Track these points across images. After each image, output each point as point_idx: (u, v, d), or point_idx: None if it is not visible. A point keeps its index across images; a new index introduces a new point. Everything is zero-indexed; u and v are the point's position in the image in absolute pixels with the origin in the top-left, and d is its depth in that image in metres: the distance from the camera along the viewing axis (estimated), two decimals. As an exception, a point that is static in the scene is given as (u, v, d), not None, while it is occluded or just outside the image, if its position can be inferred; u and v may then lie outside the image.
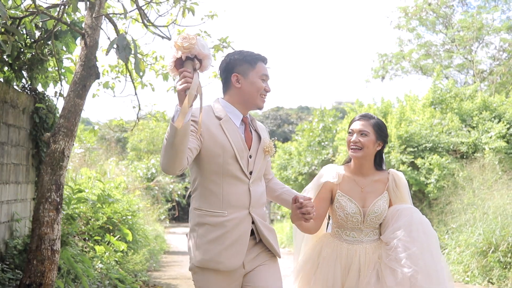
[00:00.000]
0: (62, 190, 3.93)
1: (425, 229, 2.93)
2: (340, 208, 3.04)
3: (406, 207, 3.03)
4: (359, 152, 3.02)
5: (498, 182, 9.49)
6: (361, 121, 3.08)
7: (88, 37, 4.26)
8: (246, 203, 2.61)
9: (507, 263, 7.67)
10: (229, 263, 2.56)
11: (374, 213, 3.03)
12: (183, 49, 2.26)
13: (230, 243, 2.56)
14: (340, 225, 3.09)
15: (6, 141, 5.49)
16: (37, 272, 3.81)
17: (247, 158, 2.64)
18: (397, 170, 3.19)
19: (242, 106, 2.69)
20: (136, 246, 7.89)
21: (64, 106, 4.11)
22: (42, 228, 3.82)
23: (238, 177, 2.60)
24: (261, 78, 2.67)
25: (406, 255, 2.83)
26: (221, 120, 2.62)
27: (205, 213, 2.58)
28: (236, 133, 2.63)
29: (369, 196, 3.07)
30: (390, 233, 2.97)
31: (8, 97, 5.51)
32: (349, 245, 3.05)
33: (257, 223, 2.63)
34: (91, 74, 4.16)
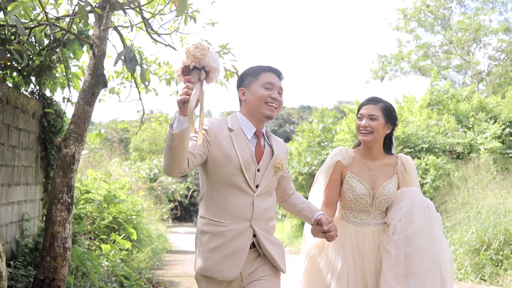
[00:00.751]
0: (73, 191, 4.21)
1: (425, 213, 2.93)
2: (349, 190, 3.08)
3: (410, 190, 3.05)
4: (369, 136, 3.04)
5: (492, 182, 9.74)
6: (370, 105, 3.08)
7: (96, 47, 4.53)
8: (248, 215, 2.61)
9: (498, 261, 7.92)
10: (226, 273, 2.58)
11: (384, 196, 3.05)
12: (193, 58, 2.27)
13: (229, 254, 2.58)
14: (348, 207, 3.12)
15: (17, 144, 5.75)
16: (50, 268, 4.10)
17: (254, 172, 2.64)
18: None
19: (253, 119, 2.70)
20: (140, 245, 8.16)
21: (74, 113, 4.38)
22: (54, 227, 4.10)
23: (242, 189, 2.61)
24: (264, 87, 2.67)
25: (402, 236, 2.87)
26: (232, 132, 2.64)
27: (208, 222, 2.62)
28: (245, 146, 2.65)
29: (378, 179, 3.09)
30: (392, 214, 3.02)
31: (19, 103, 5.77)
32: (357, 227, 3.09)
33: (258, 237, 2.63)
34: (99, 82, 4.43)
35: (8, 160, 5.47)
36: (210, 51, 2.30)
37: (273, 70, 2.74)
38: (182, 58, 2.31)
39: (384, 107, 3.06)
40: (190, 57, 2.27)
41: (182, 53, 2.31)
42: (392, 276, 2.84)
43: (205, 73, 2.32)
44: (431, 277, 2.82)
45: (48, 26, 4.60)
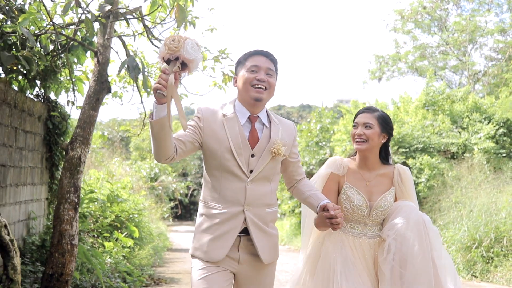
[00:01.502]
0: (79, 191, 4.46)
1: (421, 228, 2.88)
2: (347, 200, 3.04)
3: (406, 204, 3.02)
4: (364, 144, 3.02)
5: (485, 181, 9.98)
6: (365, 113, 3.07)
7: (100, 54, 4.78)
8: (241, 200, 2.62)
9: (489, 258, 8.16)
10: (212, 253, 2.61)
11: (381, 208, 3.02)
12: (168, 50, 2.32)
13: (217, 236, 2.62)
14: (345, 217, 3.07)
15: (24, 146, 6.00)
16: (59, 263, 4.35)
17: (248, 157, 2.65)
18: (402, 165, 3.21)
19: (247, 104, 2.70)
20: (141, 242, 8.41)
21: (80, 117, 4.63)
22: (62, 225, 4.35)
23: (235, 174, 2.63)
24: (250, 70, 2.67)
25: (397, 257, 2.84)
26: (225, 117, 2.67)
27: (205, 205, 2.69)
28: (237, 131, 2.65)
29: (375, 190, 3.06)
30: (387, 229, 2.97)
31: (25, 106, 6.02)
32: (354, 237, 3.06)
33: (248, 223, 2.64)
34: (104, 88, 4.68)
35: (15, 162, 5.72)
36: (186, 42, 2.33)
37: (259, 52, 2.74)
38: (161, 51, 2.37)
39: (379, 116, 3.05)
40: (166, 49, 2.33)
41: (162, 43, 2.37)
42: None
43: (180, 65, 2.35)
44: None
45: (55, 34, 4.84)
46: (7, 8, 3.74)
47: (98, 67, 4.77)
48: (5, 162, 5.35)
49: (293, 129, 2.86)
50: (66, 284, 4.35)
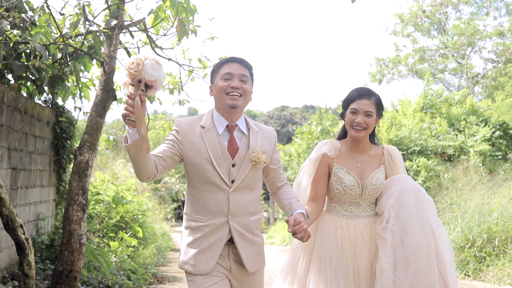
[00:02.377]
0: (87, 194, 4.76)
1: (417, 196, 2.87)
2: (338, 181, 3.01)
3: (400, 176, 3.02)
4: (363, 132, 2.99)
5: (479, 183, 10.24)
6: (364, 99, 2.98)
7: (106, 65, 5.07)
8: (225, 211, 2.63)
9: (481, 258, 8.41)
10: (199, 267, 2.62)
11: (373, 185, 3.00)
12: (130, 75, 2.34)
13: (205, 248, 2.63)
14: (337, 199, 3.05)
15: (33, 150, 6.31)
16: (68, 261, 4.66)
17: (228, 167, 2.64)
18: None
19: (224, 113, 2.69)
20: (145, 242, 8.70)
21: (88, 124, 4.93)
22: (71, 225, 4.65)
23: (217, 185, 2.63)
24: (223, 78, 2.66)
25: (396, 223, 2.82)
26: (204, 128, 2.66)
27: (189, 218, 2.70)
28: (216, 141, 2.65)
29: (366, 170, 3.03)
30: (383, 201, 2.96)
31: (35, 112, 6.33)
32: (347, 219, 3.02)
33: (233, 233, 2.65)
34: (110, 96, 4.98)
35: (26, 165, 6.02)
36: (145, 64, 2.32)
37: (233, 59, 2.72)
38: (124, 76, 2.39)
39: (377, 101, 3.00)
40: (127, 74, 2.35)
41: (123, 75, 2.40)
42: (388, 263, 2.78)
43: (144, 86, 2.36)
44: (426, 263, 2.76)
45: (63, 44, 5.13)
46: (21, 25, 4.03)
47: (104, 77, 5.06)
48: (16, 166, 5.65)
49: (273, 135, 2.85)
50: (75, 281, 4.66)
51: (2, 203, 3.26)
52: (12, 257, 5.54)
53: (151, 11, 4.77)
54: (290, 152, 18.30)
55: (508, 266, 7.84)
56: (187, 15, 4.74)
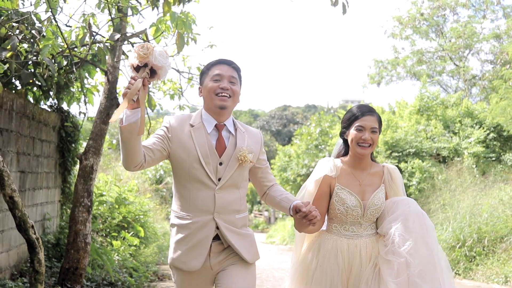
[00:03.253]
0: (92, 196, 5.08)
1: (421, 221, 2.88)
2: (339, 202, 2.98)
3: (403, 199, 3.00)
4: (369, 149, 2.98)
5: (472, 184, 10.54)
6: (369, 116, 2.99)
7: (110, 74, 5.38)
8: (211, 208, 2.66)
9: (472, 257, 8.71)
10: (190, 264, 2.66)
11: (374, 206, 2.97)
12: (138, 57, 2.38)
13: (192, 245, 2.67)
14: (339, 220, 3.02)
15: (40, 154, 6.62)
16: (74, 259, 4.98)
17: (216, 165, 2.68)
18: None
19: (212, 113, 2.74)
20: (147, 241, 9.01)
21: (92, 130, 5.24)
22: (77, 225, 4.97)
23: (204, 183, 2.66)
24: (213, 79, 2.71)
25: (402, 246, 2.80)
26: (193, 127, 2.70)
27: (176, 215, 2.74)
28: (204, 140, 2.69)
29: (367, 190, 3.01)
30: (387, 223, 2.93)
31: (41, 118, 6.64)
32: (349, 240, 2.99)
33: (221, 229, 2.68)
34: (113, 104, 5.29)
35: (33, 168, 6.33)
36: (155, 50, 2.40)
37: (222, 61, 2.78)
38: (131, 58, 2.44)
39: (379, 118, 3.04)
40: (136, 56, 2.39)
41: (131, 55, 2.45)
42: (394, 284, 2.76)
43: (149, 71, 2.42)
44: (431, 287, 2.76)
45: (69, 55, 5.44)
46: (32, 40, 4.33)
47: (108, 85, 5.37)
48: (24, 169, 5.96)
49: (260, 137, 2.91)
50: (80, 277, 4.98)
51: (15, 206, 3.58)
52: (20, 256, 5.86)
53: (152, 24, 5.06)
54: (290, 153, 18.59)
55: (497, 265, 8.13)
56: (186, 29, 5.04)
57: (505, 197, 9.24)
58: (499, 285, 7.61)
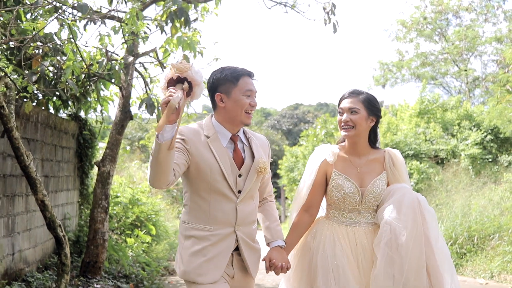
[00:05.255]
0: (108, 198, 5.76)
1: (415, 210, 2.78)
2: (337, 188, 2.93)
3: (400, 187, 2.92)
4: (352, 130, 2.90)
5: (464, 185, 11.08)
6: (349, 98, 2.93)
7: (124, 89, 6.05)
8: (232, 221, 2.62)
9: (462, 254, 9.26)
10: (207, 276, 2.58)
11: (373, 193, 2.92)
12: (177, 70, 2.34)
13: (212, 257, 2.59)
14: (337, 206, 2.98)
15: (61, 159, 7.32)
16: (93, 254, 5.67)
17: (235, 177, 2.62)
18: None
19: (229, 125, 2.66)
20: (158, 239, 9.68)
21: (109, 140, 5.92)
22: (96, 224, 5.66)
23: (225, 195, 2.60)
24: (245, 95, 2.62)
25: (387, 241, 2.77)
26: (209, 138, 2.61)
27: (192, 226, 2.63)
28: (224, 153, 2.62)
29: (366, 176, 2.95)
30: (380, 212, 2.89)
31: (62, 127, 7.33)
32: (347, 227, 2.95)
33: (239, 242, 2.65)
34: (127, 116, 5.96)
35: (55, 172, 7.03)
36: (193, 66, 2.37)
37: (249, 73, 2.68)
38: (166, 73, 2.40)
39: (365, 99, 2.91)
40: (174, 70, 2.35)
41: (168, 68, 2.42)
42: (380, 276, 2.75)
43: (188, 84, 2.38)
44: (415, 281, 2.73)
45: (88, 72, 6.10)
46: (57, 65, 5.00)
47: (122, 100, 6.04)
48: (48, 173, 6.66)
49: (267, 143, 2.87)
50: (99, 270, 5.67)
51: (46, 208, 4.25)
52: (44, 251, 6.55)
53: (161, 46, 5.71)
54: (297, 154, 19.21)
55: (484, 261, 8.68)
56: (191, 49, 5.69)
57: (495, 198, 9.78)
58: (485, 279, 8.17)
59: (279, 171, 20.84)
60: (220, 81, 2.65)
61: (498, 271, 8.18)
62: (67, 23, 4.91)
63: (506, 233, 8.57)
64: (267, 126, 52.50)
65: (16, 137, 3.95)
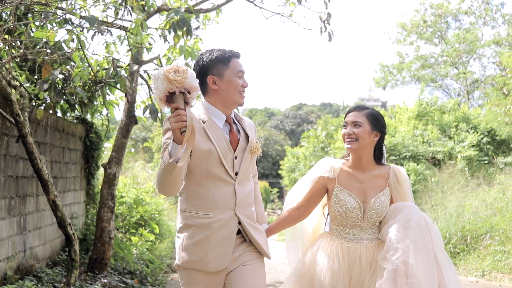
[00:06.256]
0: (114, 199, 6.10)
1: (423, 228, 2.78)
2: (339, 203, 2.92)
3: (407, 205, 2.90)
4: (354, 143, 2.91)
5: (459, 186, 11.38)
6: (354, 112, 2.97)
7: (129, 95, 6.38)
8: (232, 204, 2.58)
9: (456, 253, 9.56)
10: (215, 264, 2.57)
11: (375, 209, 2.91)
12: (176, 84, 2.24)
13: (216, 244, 2.56)
14: (339, 222, 2.97)
15: (69, 161, 7.65)
16: (100, 251, 6.00)
17: (232, 160, 2.60)
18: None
19: (223, 107, 2.64)
20: (161, 237, 10.03)
21: (115, 143, 6.25)
22: (103, 223, 6.00)
23: (223, 179, 2.58)
24: (237, 76, 2.62)
25: (396, 254, 2.72)
26: (205, 123, 2.58)
27: (192, 215, 2.59)
28: (220, 136, 2.59)
29: (369, 192, 2.93)
30: (386, 229, 2.86)
31: (70, 130, 7.67)
32: (349, 243, 2.94)
33: (243, 224, 2.62)
34: (132, 121, 6.29)
35: (63, 173, 7.37)
36: (188, 71, 2.28)
37: (237, 54, 2.68)
38: (163, 85, 2.26)
39: (369, 114, 2.94)
40: (173, 83, 2.23)
41: (161, 80, 2.27)
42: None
43: (188, 94, 2.31)
44: None
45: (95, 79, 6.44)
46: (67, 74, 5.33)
47: (127, 105, 6.37)
48: (56, 175, 6.99)
49: (253, 125, 2.86)
50: (106, 266, 6.01)
51: (57, 208, 4.59)
52: (53, 248, 6.88)
53: (164, 55, 6.04)
54: (298, 155, 19.52)
55: (476, 260, 8.97)
56: (193, 57, 6.01)
57: (488, 199, 10.08)
58: (476, 278, 8.46)
59: (281, 171, 21.18)
60: (211, 63, 2.62)
61: (489, 269, 8.48)
62: (76, 34, 5.25)
63: (497, 233, 8.87)
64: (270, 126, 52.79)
65: (30, 142, 4.28)
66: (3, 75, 4.20)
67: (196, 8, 6.37)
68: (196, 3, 6.66)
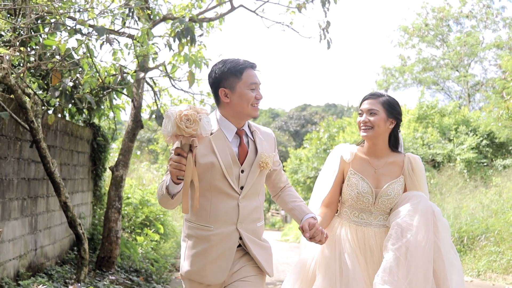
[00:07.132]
0: (121, 200, 6.39)
1: (429, 219, 2.75)
2: (351, 187, 2.93)
3: (416, 194, 2.88)
4: (370, 131, 2.90)
5: (457, 188, 11.60)
6: (370, 99, 2.94)
7: (135, 101, 6.66)
8: (234, 218, 2.53)
9: (452, 253, 9.80)
10: (212, 277, 2.53)
11: (387, 196, 2.90)
12: (185, 133, 2.18)
13: (214, 258, 2.52)
14: (349, 205, 2.97)
15: (77, 163, 7.94)
16: (108, 250, 6.29)
17: (238, 174, 2.54)
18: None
19: (235, 119, 2.57)
20: (166, 237, 10.31)
21: (122, 147, 6.53)
22: (110, 223, 6.28)
23: (226, 193, 2.52)
24: (250, 88, 2.54)
25: (397, 245, 2.74)
26: (212, 135, 2.52)
27: (194, 226, 2.57)
28: (226, 149, 2.53)
29: (382, 178, 2.93)
30: (392, 216, 2.87)
31: (78, 133, 7.96)
32: (357, 226, 2.94)
33: (244, 240, 2.56)
34: (138, 125, 6.57)
35: (71, 175, 7.65)
36: (202, 119, 2.20)
37: (252, 65, 2.59)
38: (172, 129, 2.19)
39: (385, 101, 2.91)
40: (182, 132, 2.17)
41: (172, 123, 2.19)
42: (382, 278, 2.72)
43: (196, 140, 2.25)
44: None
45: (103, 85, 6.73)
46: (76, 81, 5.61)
47: (134, 110, 6.65)
48: (65, 176, 7.28)
49: (273, 137, 2.78)
50: (113, 264, 6.29)
51: (68, 209, 4.87)
52: (62, 247, 7.17)
53: (169, 62, 6.31)
54: (301, 156, 19.77)
55: (472, 260, 9.21)
56: (197, 65, 6.28)
57: (485, 201, 10.30)
58: (471, 278, 8.70)
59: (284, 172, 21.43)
60: (223, 75, 2.55)
61: (484, 269, 8.72)
62: (85, 43, 5.54)
63: (492, 234, 9.10)
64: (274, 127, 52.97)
65: (43, 147, 4.56)
66: (19, 84, 4.48)
67: (200, 17, 6.65)
68: (199, 12, 6.95)
